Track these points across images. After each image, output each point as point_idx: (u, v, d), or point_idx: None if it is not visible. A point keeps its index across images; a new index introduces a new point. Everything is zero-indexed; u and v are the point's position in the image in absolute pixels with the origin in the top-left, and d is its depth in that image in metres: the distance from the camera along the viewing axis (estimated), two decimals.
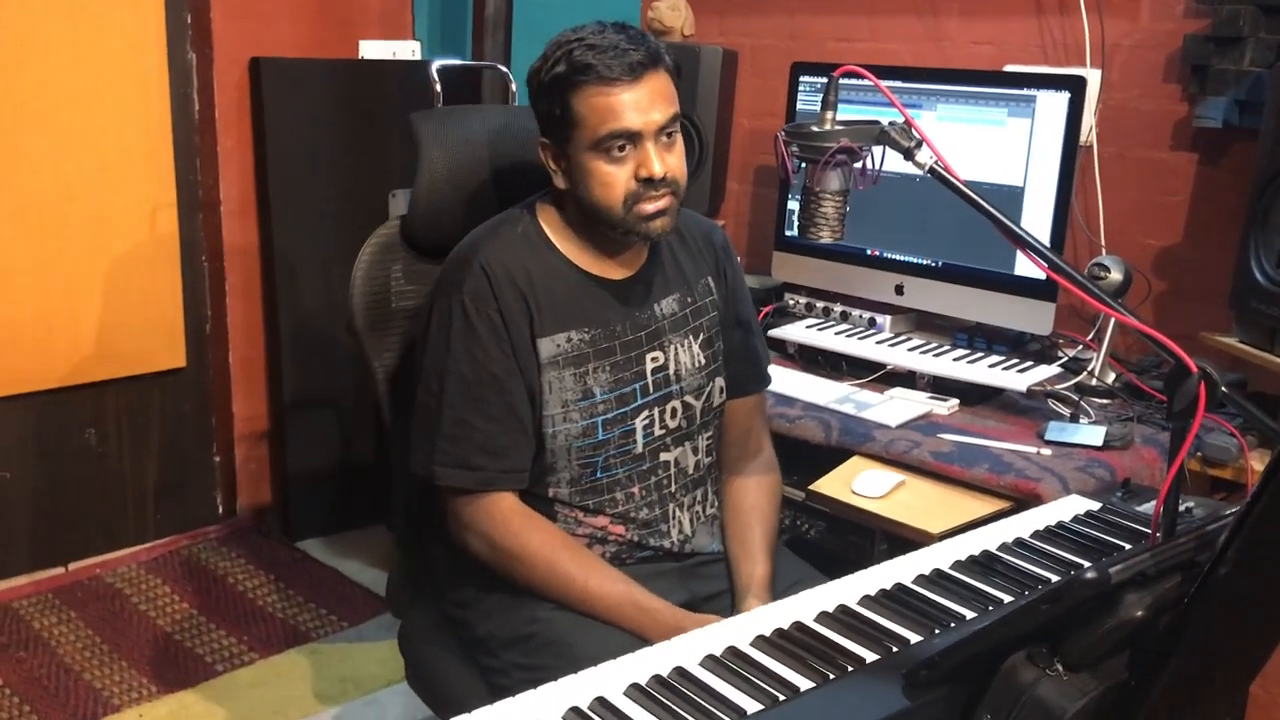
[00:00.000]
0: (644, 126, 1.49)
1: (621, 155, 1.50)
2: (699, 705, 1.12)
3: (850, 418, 2.15)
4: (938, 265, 2.45)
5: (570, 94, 1.49)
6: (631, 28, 1.52)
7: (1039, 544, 1.53)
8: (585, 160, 1.52)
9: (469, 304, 1.53)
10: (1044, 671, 1.08)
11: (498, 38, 2.97)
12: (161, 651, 2.85)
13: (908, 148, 1.37)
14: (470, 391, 1.53)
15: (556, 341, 1.57)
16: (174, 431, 3.39)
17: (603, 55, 1.46)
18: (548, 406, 1.56)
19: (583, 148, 1.51)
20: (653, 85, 1.49)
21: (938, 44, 2.88)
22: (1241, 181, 2.39)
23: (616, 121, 1.48)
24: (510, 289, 1.54)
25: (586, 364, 1.58)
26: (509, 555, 1.54)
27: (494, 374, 1.53)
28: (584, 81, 1.47)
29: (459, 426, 1.53)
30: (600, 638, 1.50)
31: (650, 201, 1.53)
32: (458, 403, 1.53)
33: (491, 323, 1.53)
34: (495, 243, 1.57)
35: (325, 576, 3.28)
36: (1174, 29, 2.45)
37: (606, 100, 1.47)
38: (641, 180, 1.51)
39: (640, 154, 1.50)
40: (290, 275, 3.38)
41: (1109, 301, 1.30)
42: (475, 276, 1.54)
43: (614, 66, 1.46)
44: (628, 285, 1.63)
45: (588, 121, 1.49)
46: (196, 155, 3.24)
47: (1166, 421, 1.24)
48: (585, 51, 1.47)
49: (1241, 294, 2.10)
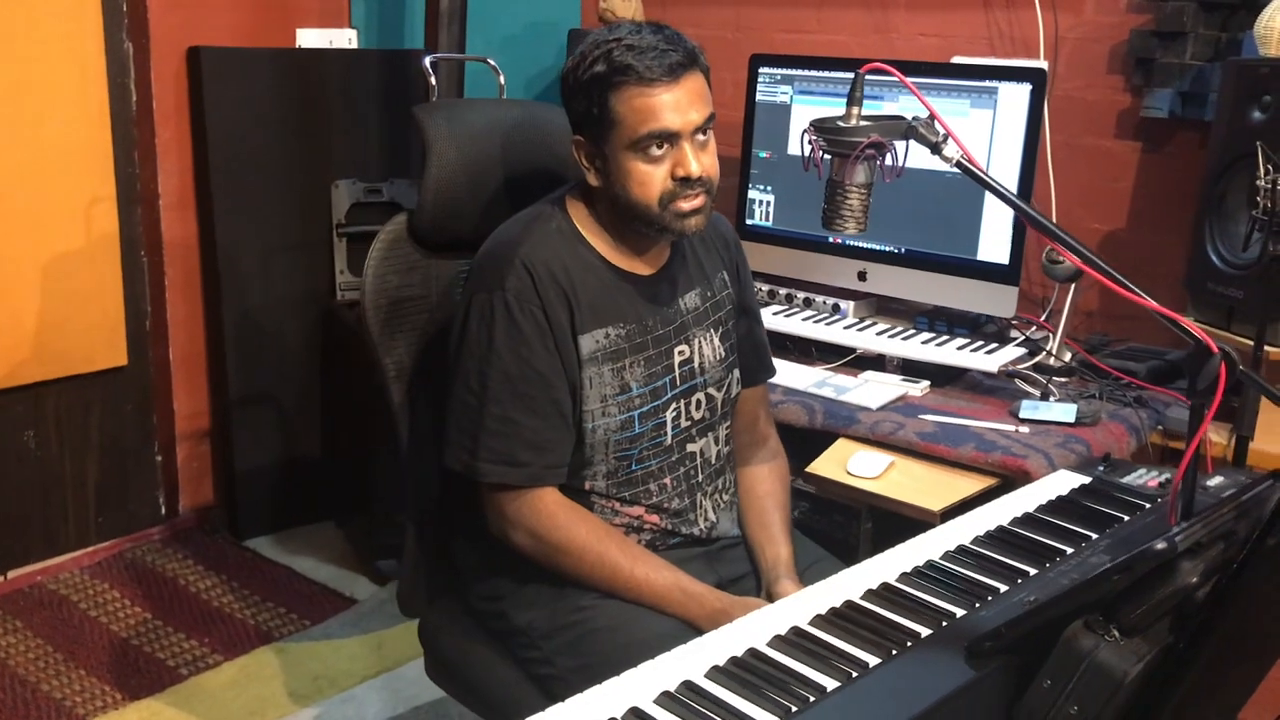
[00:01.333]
0: (682, 126, 1.52)
1: (659, 154, 1.53)
2: (780, 683, 1.16)
3: (832, 401, 2.21)
4: (901, 251, 2.53)
5: (610, 94, 1.51)
6: (667, 28, 1.54)
7: (1046, 517, 1.61)
8: (623, 159, 1.54)
9: (512, 301, 1.54)
10: (1102, 638, 1.15)
11: (453, 30, 2.95)
12: (120, 658, 2.78)
13: (934, 142, 1.42)
14: (515, 388, 1.54)
15: (596, 338, 1.59)
16: (114, 432, 3.30)
17: (642, 56, 1.48)
18: (588, 402, 1.59)
19: (620, 147, 1.53)
20: (690, 86, 1.52)
21: (885, 36, 2.97)
22: (1184, 168, 2.52)
23: (656, 122, 1.50)
24: (553, 287, 1.56)
25: (623, 359, 1.61)
26: (557, 548, 1.56)
27: (539, 371, 1.55)
28: (624, 82, 1.50)
29: (504, 423, 1.54)
30: (647, 624, 1.53)
31: (686, 200, 1.56)
32: (504, 399, 1.54)
33: (535, 320, 1.54)
34: (533, 240, 1.58)
35: (279, 575, 3.23)
36: (1118, 23, 2.57)
37: (646, 101, 1.50)
38: (679, 179, 1.54)
39: (677, 153, 1.53)
40: (232, 269, 3.32)
41: (1137, 291, 1.37)
42: (518, 274, 1.55)
43: (654, 68, 1.48)
44: (655, 281, 1.66)
45: (627, 121, 1.51)
46: (135, 147, 3.16)
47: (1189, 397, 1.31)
48: (625, 52, 1.49)
49: (1198, 276, 2.22)
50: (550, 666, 1.58)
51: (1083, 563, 1.44)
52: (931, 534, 1.57)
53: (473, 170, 1.74)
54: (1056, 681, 1.16)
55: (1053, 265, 2.32)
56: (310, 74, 3.36)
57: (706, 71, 1.57)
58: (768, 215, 2.73)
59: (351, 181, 3.43)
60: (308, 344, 3.48)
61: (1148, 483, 1.74)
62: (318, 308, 3.46)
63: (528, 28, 3.62)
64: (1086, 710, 1.13)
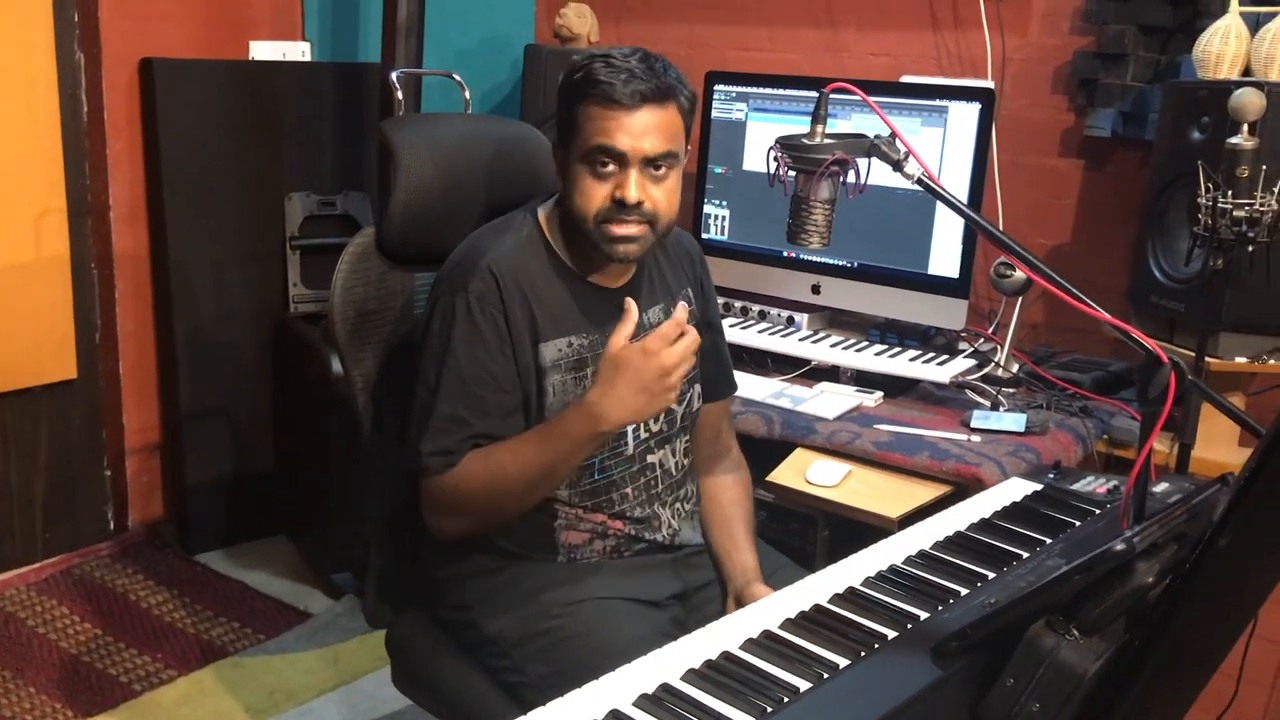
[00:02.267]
0: (630, 150, 1.54)
1: (605, 172, 1.56)
2: (755, 685, 1.19)
3: (790, 412, 2.26)
4: (853, 266, 2.58)
5: (577, 104, 1.55)
6: (660, 60, 1.57)
7: (1002, 523, 1.66)
8: (575, 168, 1.58)
9: (474, 303, 1.56)
10: (1063, 637, 1.20)
11: (410, 43, 2.96)
12: (72, 675, 2.75)
13: (896, 160, 1.47)
14: (467, 388, 1.56)
15: (558, 346, 1.62)
16: (63, 446, 3.26)
17: (614, 75, 1.52)
18: (550, 409, 1.61)
19: (575, 156, 1.57)
20: (651, 117, 1.54)
21: (835, 54, 3.03)
22: (1125, 186, 2.61)
23: (605, 137, 1.54)
24: (516, 293, 1.58)
25: (585, 368, 1.63)
26: (457, 510, 1.59)
27: (493, 374, 1.57)
28: (590, 95, 1.54)
29: (451, 421, 1.56)
30: (619, 630, 1.56)
31: (619, 225, 1.57)
32: (455, 398, 1.56)
33: (495, 323, 1.57)
34: (502, 246, 1.61)
35: (231, 589, 3.21)
36: (1062, 44, 2.65)
37: (603, 117, 1.53)
38: (615, 201, 1.56)
39: (621, 176, 1.56)
40: (184, 281, 3.30)
41: (1091, 304, 1.42)
42: (482, 277, 1.57)
43: (618, 89, 1.52)
44: (620, 294, 1.68)
45: (583, 131, 1.55)
46: (85, 159, 3.13)
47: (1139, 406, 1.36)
48: (602, 69, 1.53)
49: (1140, 289, 2.29)
50: (521, 674, 1.59)
51: (1039, 566, 1.49)
52: (893, 540, 1.61)
53: (441, 184, 1.76)
54: (1019, 680, 1.20)
55: (1001, 279, 2.38)
56: (264, 86, 3.35)
57: (685, 112, 1.59)
58: (723, 230, 2.77)
59: (305, 194, 3.43)
60: (260, 357, 3.46)
61: (1096, 489, 1.80)
62: (270, 321, 3.45)
63: (483, 43, 3.64)
64: (1048, 707, 1.18)
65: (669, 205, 1.61)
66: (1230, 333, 2.13)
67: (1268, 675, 2.55)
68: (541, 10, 3.60)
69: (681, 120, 1.59)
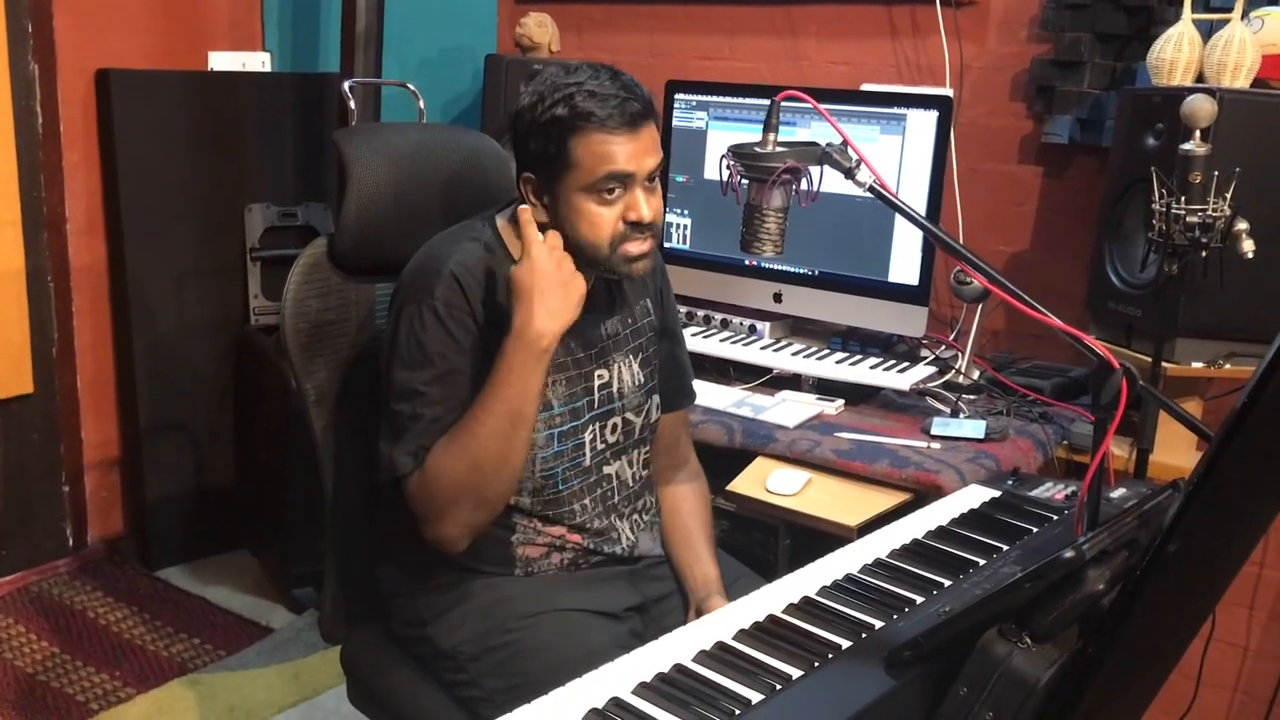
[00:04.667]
0: (637, 170, 1.54)
1: (612, 198, 1.55)
2: (706, 698, 1.18)
3: (750, 420, 2.25)
4: (815, 274, 2.58)
5: (570, 137, 1.52)
6: (624, 75, 1.56)
7: (959, 530, 1.66)
8: (576, 200, 1.56)
9: (441, 309, 1.54)
10: (1015, 645, 1.19)
11: (369, 53, 2.95)
12: (27, 695, 2.70)
13: (848, 168, 1.46)
14: (446, 390, 1.54)
15: None
16: (19, 461, 3.21)
17: (605, 104, 1.51)
18: None
19: (574, 188, 1.55)
20: (647, 135, 1.55)
21: (796, 63, 3.03)
22: (1083, 192, 2.62)
23: (614, 164, 1.52)
24: (480, 297, 1.57)
25: (547, 376, 1.62)
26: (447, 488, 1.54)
27: (464, 372, 1.55)
28: (585, 127, 1.51)
29: (432, 423, 1.54)
30: (577, 643, 1.54)
31: (635, 244, 1.58)
32: (435, 401, 1.54)
33: (466, 327, 1.55)
34: (461, 252, 1.59)
35: (192, 605, 3.17)
36: (1019, 52, 2.67)
37: (606, 144, 1.52)
38: (630, 223, 1.56)
39: (629, 198, 1.56)
40: (142, 295, 3.26)
41: (1042, 310, 1.42)
42: (446, 284, 1.55)
43: (615, 116, 1.51)
44: None
45: (584, 164, 1.53)
46: (40, 171, 3.09)
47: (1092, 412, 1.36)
48: (588, 99, 1.51)
49: (1098, 295, 2.30)
50: (478, 689, 1.58)
51: (995, 573, 1.49)
52: (850, 548, 1.61)
53: (393, 194, 1.75)
54: (973, 689, 1.20)
55: (961, 286, 2.38)
56: (223, 97, 3.32)
57: (659, 122, 1.60)
58: (685, 239, 2.77)
59: (265, 205, 3.40)
60: (220, 370, 3.43)
61: (1054, 495, 1.80)
62: (230, 333, 3.42)
63: (444, 53, 3.62)
64: (1002, 715, 1.17)
65: (663, 214, 1.63)
66: (1186, 338, 2.14)
67: (1229, 678, 2.56)
68: (503, 20, 3.59)
69: (658, 130, 1.60)
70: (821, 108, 1.49)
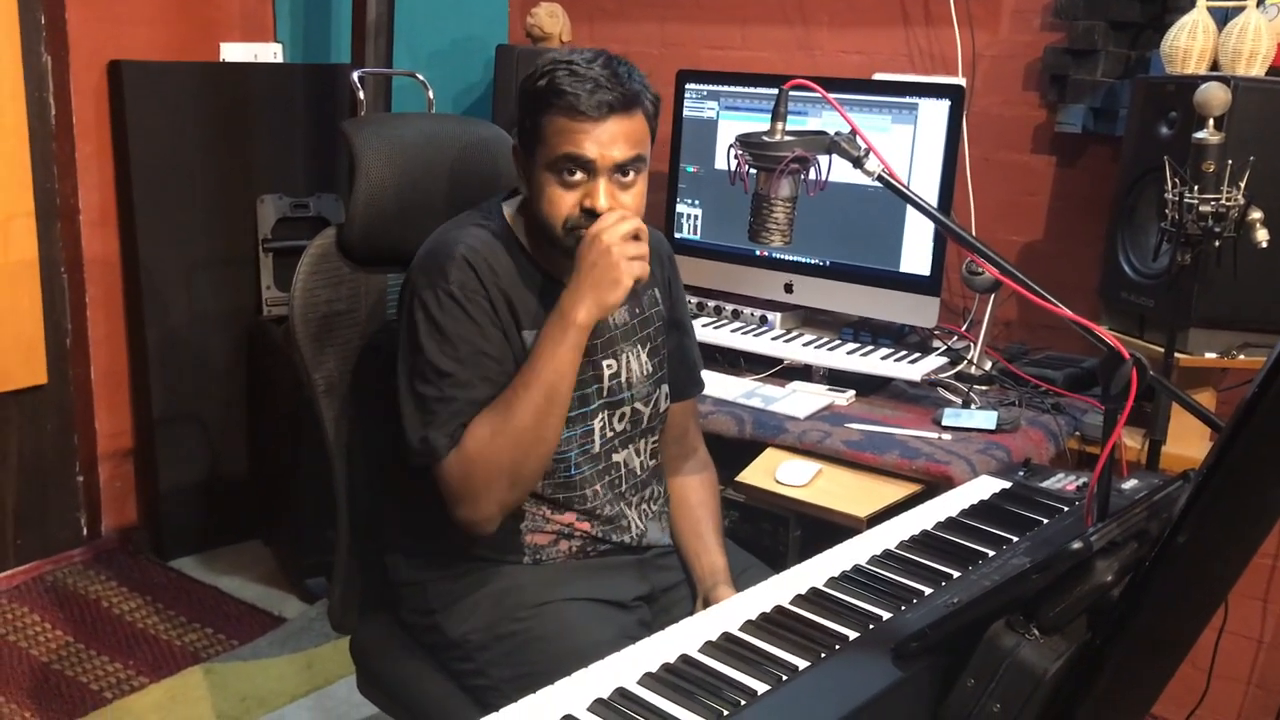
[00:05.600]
0: (598, 159, 1.53)
1: (573, 180, 1.54)
2: (712, 688, 1.18)
3: (761, 411, 2.25)
4: (826, 264, 2.57)
5: (541, 113, 1.53)
6: (623, 64, 1.55)
7: (969, 521, 1.65)
8: (541, 176, 1.56)
9: (457, 292, 1.55)
10: (1023, 636, 1.19)
11: (380, 44, 2.94)
12: (42, 683, 2.72)
13: (856, 156, 1.46)
14: (471, 371, 1.54)
15: (534, 337, 1.60)
16: (34, 452, 3.23)
17: (579, 85, 1.50)
18: None
19: (541, 164, 1.55)
20: (618, 126, 1.52)
21: (809, 53, 3.02)
22: (1096, 182, 2.61)
23: (574, 146, 1.52)
24: (493, 281, 1.57)
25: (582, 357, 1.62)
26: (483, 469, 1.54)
27: (493, 356, 1.56)
28: (555, 105, 1.51)
29: (466, 404, 1.54)
30: (585, 633, 1.55)
31: None
32: (464, 381, 1.54)
33: (483, 308, 1.56)
34: (472, 238, 1.59)
35: (205, 595, 3.18)
36: (1032, 40, 2.65)
37: (570, 126, 1.51)
38: (584, 210, 1.55)
39: (590, 185, 1.54)
40: (155, 286, 3.27)
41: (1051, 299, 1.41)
42: (460, 268, 1.56)
43: (583, 100, 1.50)
44: None
45: (549, 141, 1.53)
46: (54, 162, 3.10)
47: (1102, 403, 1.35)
48: (566, 77, 1.50)
49: (1111, 285, 2.29)
50: (485, 678, 1.58)
51: (1004, 565, 1.48)
52: (858, 539, 1.60)
53: (402, 184, 1.75)
54: (980, 680, 1.19)
55: (972, 276, 2.37)
56: (235, 88, 3.33)
57: (650, 116, 1.58)
58: (695, 229, 2.76)
59: (278, 196, 3.40)
60: (233, 361, 3.43)
61: (1066, 486, 1.79)
62: (243, 324, 3.42)
63: (455, 43, 3.62)
64: (1009, 708, 1.17)
65: (637, 209, 1.59)
66: (1199, 328, 2.13)
67: (1243, 671, 2.55)
68: (514, 10, 3.59)
69: (647, 124, 1.58)
70: (830, 96, 1.49)
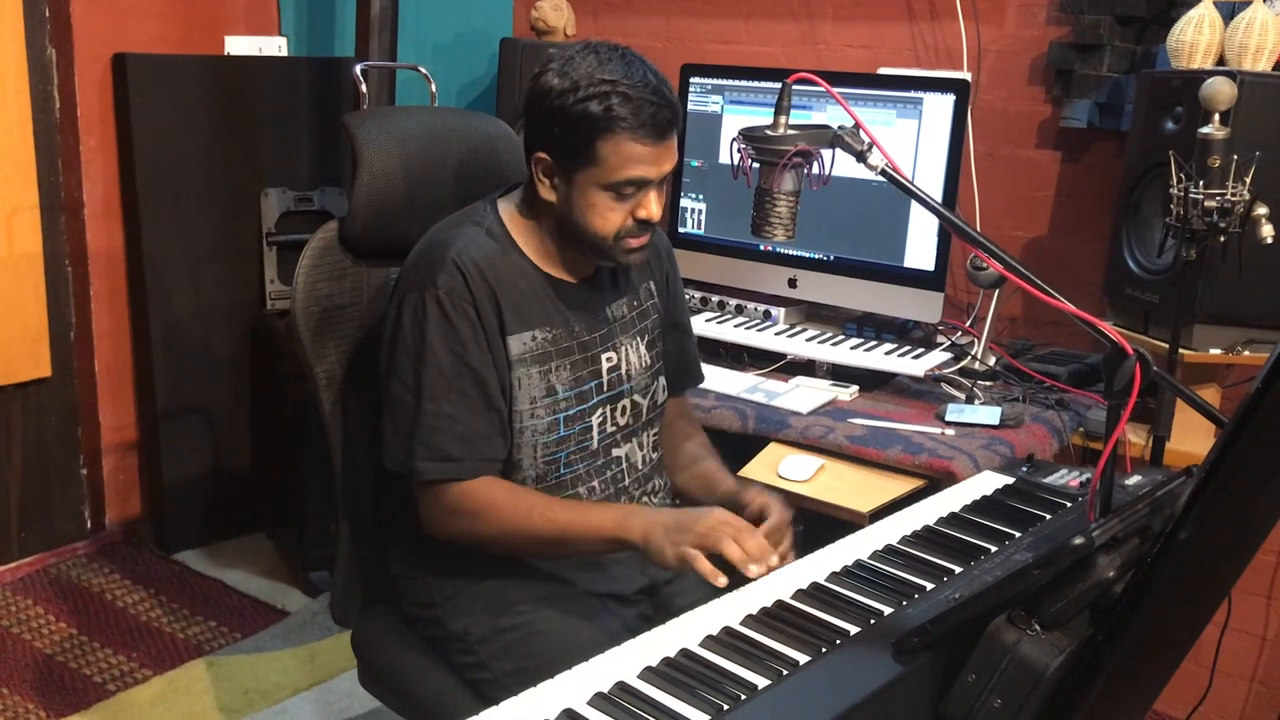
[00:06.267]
0: (657, 177, 1.56)
1: (628, 194, 1.56)
2: (712, 682, 1.18)
3: (764, 406, 2.24)
4: (830, 259, 2.57)
5: (599, 136, 1.51)
6: (655, 74, 1.55)
7: (971, 517, 1.65)
8: (591, 193, 1.56)
9: (444, 299, 1.55)
10: (1024, 632, 1.18)
11: (384, 37, 2.94)
12: (45, 675, 2.72)
13: (859, 150, 1.45)
14: (450, 384, 1.55)
15: (523, 340, 1.61)
16: (38, 444, 3.23)
17: (640, 111, 1.50)
18: (517, 402, 1.60)
19: (591, 182, 1.55)
20: (673, 142, 1.56)
21: (814, 47, 3.01)
22: (1102, 177, 2.60)
23: (638, 170, 1.53)
24: (483, 285, 1.57)
25: (549, 362, 1.62)
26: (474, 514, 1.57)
27: (473, 367, 1.56)
28: (615, 130, 1.51)
29: (438, 419, 1.55)
30: (588, 624, 1.56)
31: (637, 239, 1.61)
32: (438, 396, 1.55)
33: (468, 317, 1.56)
34: (464, 240, 1.59)
35: (209, 588, 3.19)
36: (1038, 35, 2.64)
37: (634, 150, 1.52)
38: (638, 220, 1.58)
39: (642, 196, 1.57)
40: (159, 279, 3.27)
41: (1053, 294, 1.41)
42: (449, 272, 1.56)
43: (648, 125, 1.51)
44: (582, 288, 1.68)
45: (609, 163, 1.53)
46: (58, 155, 3.11)
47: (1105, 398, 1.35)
48: (623, 102, 1.50)
49: (1116, 281, 2.28)
50: (486, 671, 1.58)
51: (1006, 560, 1.48)
52: (860, 534, 1.60)
53: (404, 177, 1.74)
54: (981, 676, 1.19)
55: (977, 272, 2.36)
56: (239, 82, 3.32)
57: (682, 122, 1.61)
58: (700, 224, 2.76)
59: (281, 190, 3.40)
60: (237, 354, 3.44)
61: (1069, 482, 1.79)
62: (247, 318, 3.43)
63: (459, 37, 3.62)
64: (1010, 703, 1.16)
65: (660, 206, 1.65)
66: (1204, 324, 2.12)
67: (1247, 669, 2.54)
68: (519, 4, 3.58)
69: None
70: (833, 90, 1.48)
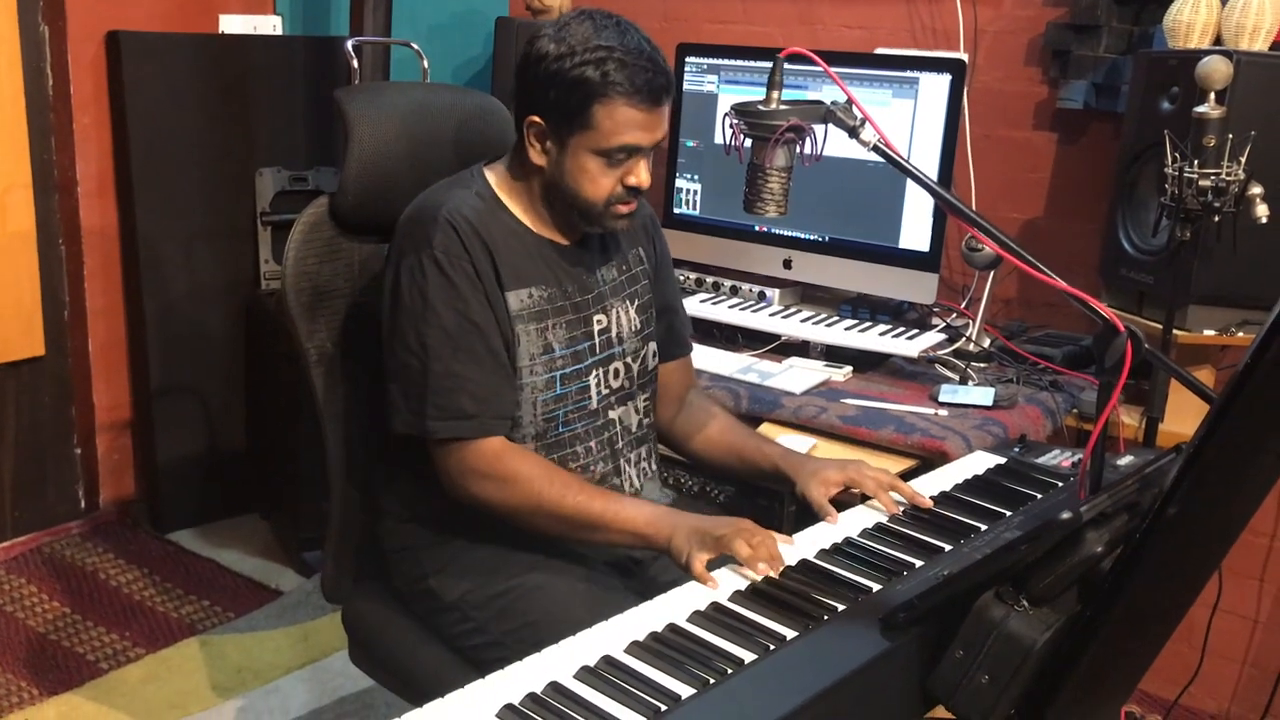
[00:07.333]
0: (649, 143, 1.57)
1: (619, 160, 1.58)
2: (699, 657, 1.18)
3: (757, 386, 2.24)
4: (825, 240, 2.56)
5: (595, 101, 1.52)
6: (650, 44, 1.56)
7: (962, 496, 1.65)
8: (583, 158, 1.57)
9: (441, 258, 1.55)
10: (1012, 608, 1.18)
11: (378, 16, 2.93)
12: (38, 653, 2.73)
13: (852, 126, 1.44)
14: (455, 342, 1.55)
15: (520, 296, 1.61)
16: (31, 424, 3.23)
17: (635, 77, 1.51)
18: (519, 358, 1.61)
19: (586, 147, 1.56)
20: (666, 109, 1.58)
21: (810, 27, 3.00)
22: (1098, 159, 2.59)
23: (631, 136, 1.54)
24: (477, 242, 1.57)
25: (546, 319, 1.63)
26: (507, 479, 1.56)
27: (476, 323, 1.56)
28: (612, 95, 1.52)
29: (449, 379, 1.55)
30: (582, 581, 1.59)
31: (626, 205, 1.62)
32: (445, 355, 1.55)
33: (466, 273, 1.56)
34: (455, 200, 1.60)
35: (202, 568, 3.19)
36: (1035, 16, 2.63)
37: (629, 115, 1.53)
38: (628, 187, 1.60)
39: (633, 164, 1.59)
40: (153, 257, 3.26)
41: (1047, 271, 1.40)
42: (443, 231, 1.56)
43: (643, 91, 1.52)
44: (573, 251, 1.69)
45: (603, 127, 1.54)
46: (52, 133, 3.09)
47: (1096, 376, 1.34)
48: (619, 68, 1.51)
49: (1111, 262, 2.28)
50: (485, 634, 1.59)
51: (996, 539, 1.48)
52: (851, 513, 1.60)
53: (395, 153, 1.74)
54: (968, 651, 1.19)
55: (972, 253, 2.36)
56: (233, 60, 3.31)
57: None
58: (695, 204, 2.75)
59: (276, 169, 3.39)
60: (231, 334, 3.43)
61: (1061, 463, 1.79)
62: (241, 297, 3.42)
63: (454, 16, 3.60)
64: (997, 678, 1.16)
65: None
66: (1198, 305, 2.11)
67: (1238, 650, 2.55)
68: None
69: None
70: (826, 66, 1.47)
